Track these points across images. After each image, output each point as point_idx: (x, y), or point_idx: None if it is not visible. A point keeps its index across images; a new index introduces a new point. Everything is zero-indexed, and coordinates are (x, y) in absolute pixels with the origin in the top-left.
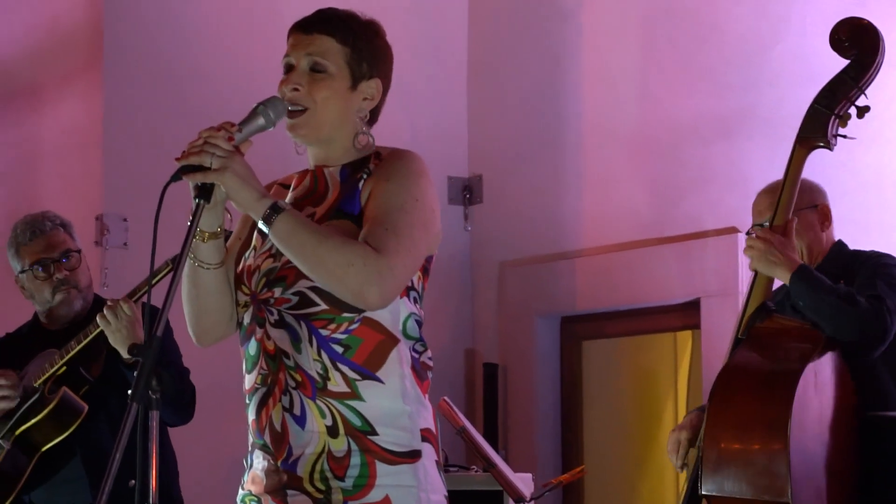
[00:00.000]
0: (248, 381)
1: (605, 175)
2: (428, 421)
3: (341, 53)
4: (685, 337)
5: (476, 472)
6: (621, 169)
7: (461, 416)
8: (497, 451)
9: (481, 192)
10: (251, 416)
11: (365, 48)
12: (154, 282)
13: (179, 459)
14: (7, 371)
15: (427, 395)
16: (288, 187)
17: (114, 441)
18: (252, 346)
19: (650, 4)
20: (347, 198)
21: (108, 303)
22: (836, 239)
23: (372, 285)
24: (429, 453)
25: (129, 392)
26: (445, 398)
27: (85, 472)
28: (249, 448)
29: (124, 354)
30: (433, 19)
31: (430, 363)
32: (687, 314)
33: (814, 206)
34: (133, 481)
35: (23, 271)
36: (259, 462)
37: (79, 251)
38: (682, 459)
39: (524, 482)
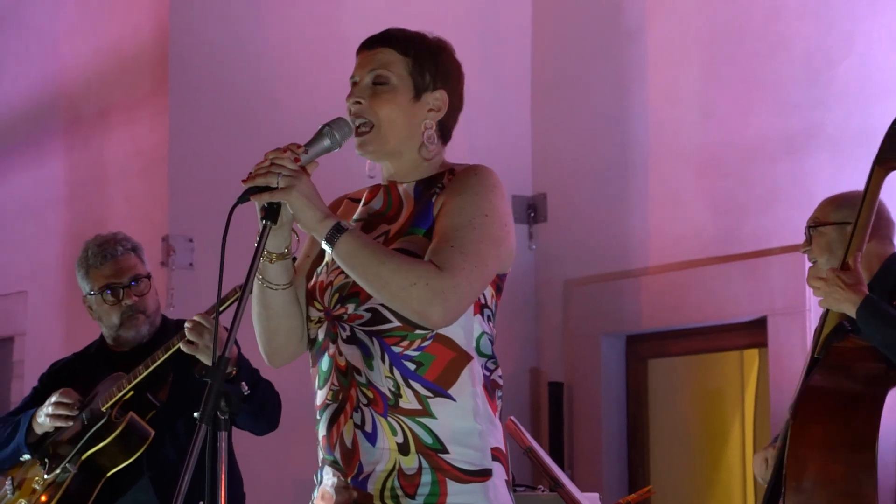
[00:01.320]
0: (320, 396)
1: (670, 193)
2: (498, 440)
3: (402, 64)
4: (752, 355)
5: (543, 492)
6: (687, 187)
7: (528, 435)
8: (563, 470)
9: (546, 211)
10: (322, 431)
11: (428, 60)
12: (222, 308)
13: (245, 478)
14: (68, 390)
15: (497, 414)
16: (358, 201)
17: (181, 463)
18: (324, 362)
19: (715, 22)
20: (421, 214)
21: (187, 324)
22: (891, 252)
23: (435, 305)
24: (499, 472)
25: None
26: (512, 418)
27: (155, 494)
28: (320, 464)
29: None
30: (497, 38)
31: (501, 381)
32: (753, 332)
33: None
34: (202, 502)
35: (91, 293)
36: (329, 478)
37: (148, 276)
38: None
39: (591, 502)
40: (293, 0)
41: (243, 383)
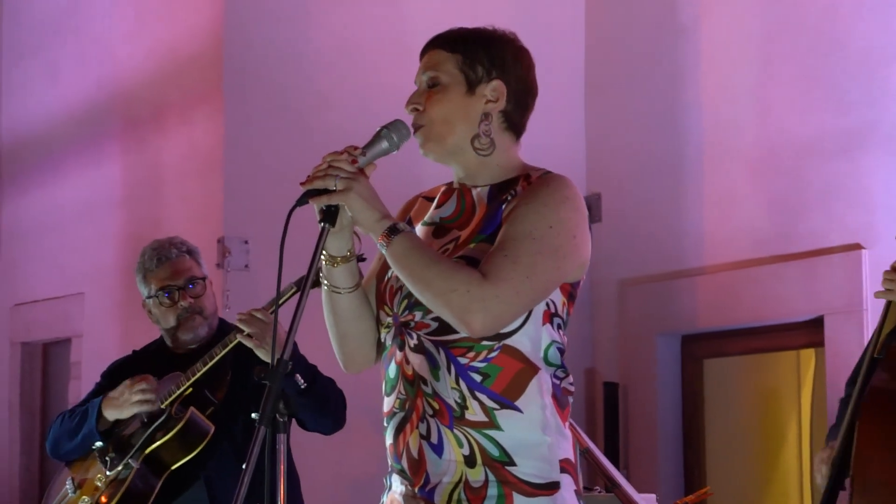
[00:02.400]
0: (387, 403)
1: (725, 192)
2: (567, 451)
3: (452, 61)
4: (808, 355)
5: (599, 492)
6: (742, 186)
7: (585, 437)
8: (618, 471)
9: (600, 211)
10: (389, 440)
11: (478, 52)
12: (280, 302)
13: (302, 480)
14: (146, 375)
15: (568, 422)
16: (432, 200)
17: (237, 464)
18: (392, 369)
19: (769, 20)
20: (489, 220)
21: (240, 315)
22: None
23: (475, 312)
24: (567, 484)
25: (257, 415)
26: (570, 420)
27: (207, 495)
28: (389, 469)
29: (262, 357)
30: (550, 37)
31: (572, 388)
32: (810, 332)
33: None
34: None
35: (149, 297)
36: (397, 486)
37: (204, 278)
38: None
39: (648, 503)
40: (347, 1)
41: (298, 376)
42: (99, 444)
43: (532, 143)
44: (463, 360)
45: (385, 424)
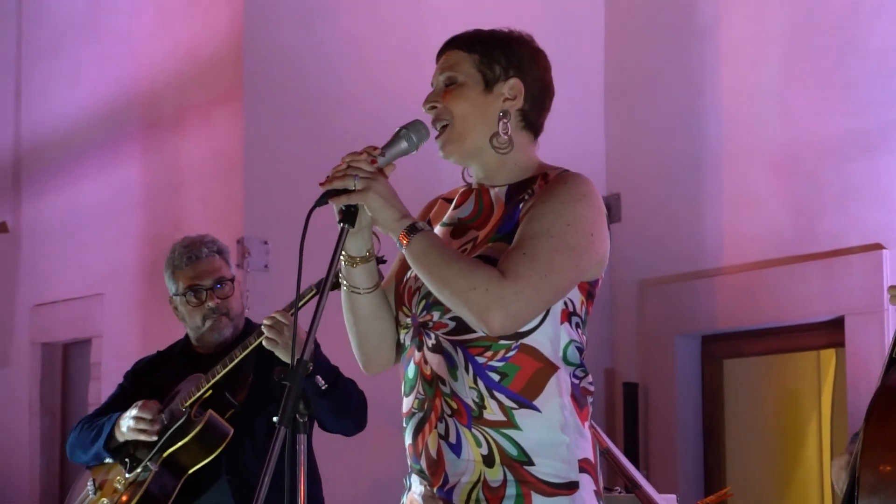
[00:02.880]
0: (406, 404)
1: (745, 192)
2: (586, 451)
3: (469, 60)
4: (828, 355)
5: (619, 493)
6: (762, 186)
7: (605, 437)
8: (638, 471)
9: (620, 212)
10: (408, 440)
11: (496, 51)
12: (301, 305)
13: (323, 479)
14: (147, 402)
15: (588, 423)
16: (451, 201)
17: (259, 465)
18: (410, 370)
19: (789, 20)
20: (507, 219)
21: (266, 321)
22: None
23: (494, 310)
24: (587, 484)
25: (276, 416)
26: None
27: (232, 496)
28: (409, 469)
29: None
30: (570, 39)
31: (591, 388)
32: (830, 332)
33: None
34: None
35: (176, 294)
36: (417, 486)
37: (232, 279)
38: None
39: (668, 503)
40: (366, 2)
41: (319, 377)
42: (109, 460)
43: (552, 144)
44: (481, 360)
45: (404, 424)
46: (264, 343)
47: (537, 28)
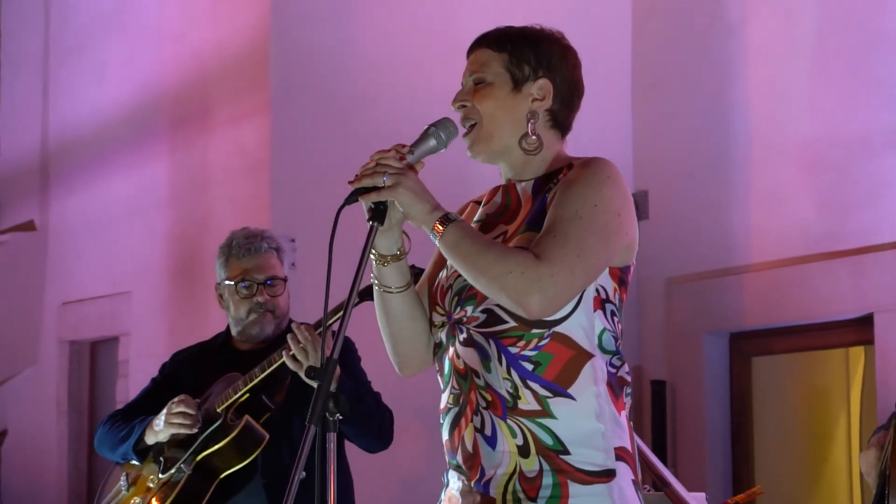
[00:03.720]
0: (443, 400)
1: (773, 189)
2: (623, 439)
3: (498, 60)
4: (857, 353)
5: (649, 491)
6: (790, 183)
7: (634, 434)
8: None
9: (647, 208)
10: (445, 435)
11: (525, 51)
12: (334, 319)
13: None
14: (185, 398)
15: (625, 412)
16: (481, 203)
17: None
18: (446, 366)
19: (818, 16)
20: (535, 210)
21: (292, 341)
22: None
23: (531, 293)
24: (624, 473)
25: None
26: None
27: (266, 498)
28: (447, 466)
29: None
30: (597, 36)
31: (628, 378)
32: (859, 329)
33: None
34: (304, 473)
35: (226, 281)
36: (454, 482)
37: (284, 279)
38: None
39: (698, 502)
40: (392, 0)
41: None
42: (135, 462)
43: (579, 142)
44: (513, 350)
45: (441, 421)
46: (287, 362)
47: (564, 25)
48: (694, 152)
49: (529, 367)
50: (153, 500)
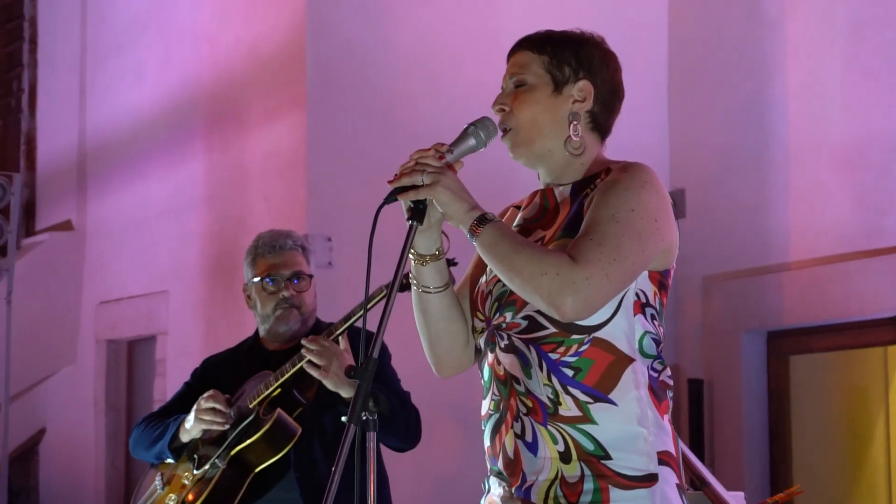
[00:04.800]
0: (484, 407)
1: (811, 187)
2: (666, 444)
3: (539, 62)
4: None
5: (687, 490)
6: (828, 181)
7: (677, 437)
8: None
9: (684, 207)
10: (486, 442)
11: (566, 53)
12: (370, 306)
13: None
14: (214, 393)
15: (667, 416)
16: (520, 208)
17: (327, 463)
18: (485, 372)
19: (856, 13)
20: (572, 215)
21: (306, 345)
22: None
23: (565, 295)
24: (667, 477)
25: (346, 415)
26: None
27: (300, 493)
28: (488, 472)
29: (344, 395)
30: (633, 32)
31: (670, 381)
32: None
33: None
34: None
35: (253, 280)
36: (496, 488)
37: (310, 276)
38: None
39: (737, 501)
40: None
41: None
42: (170, 460)
43: (616, 139)
44: (553, 356)
45: (483, 427)
46: (307, 369)
47: (601, 22)
48: (731, 150)
49: (570, 372)
50: (188, 496)
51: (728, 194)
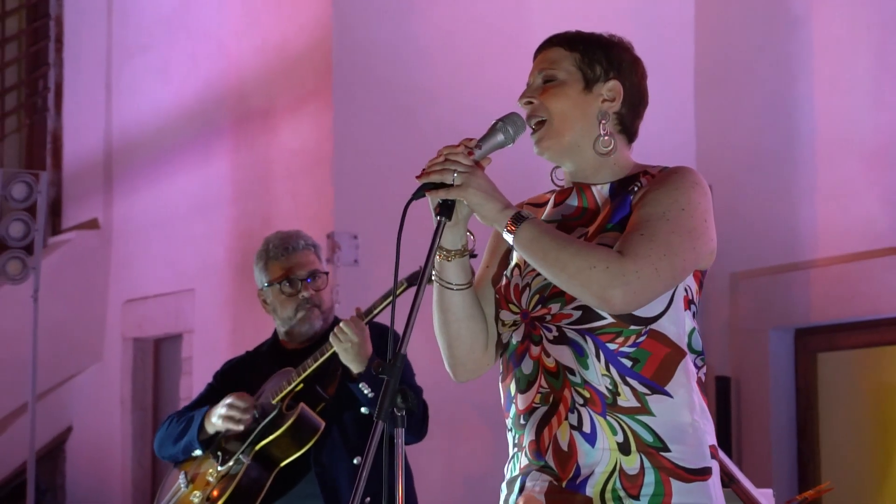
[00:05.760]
0: (523, 400)
1: (839, 184)
2: (713, 437)
3: (570, 59)
4: None
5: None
6: (856, 177)
7: None
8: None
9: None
10: (529, 437)
11: (597, 52)
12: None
13: (415, 476)
14: (243, 394)
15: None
16: (539, 206)
17: (348, 458)
18: (526, 365)
19: (883, 9)
20: (618, 210)
21: (339, 324)
22: None
23: (615, 288)
24: (716, 471)
25: (368, 411)
26: None
27: (319, 488)
28: (519, 470)
29: (354, 370)
30: (660, 30)
31: (703, 378)
32: None
33: None
34: (368, 498)
35: (268, 285)
36: (536, 483)
37: (326, 273)
38: None
39: (765, 498)
40: None
41: (364, 384)
42: (198, 452)
43: (642, 137)
44: (612, 346)
45: (521, 422)
46: (331, 339)
47: (627, 21)
48: (758, 147)
49: (628, 363)
50: (213, 492)
51: (755, 191)
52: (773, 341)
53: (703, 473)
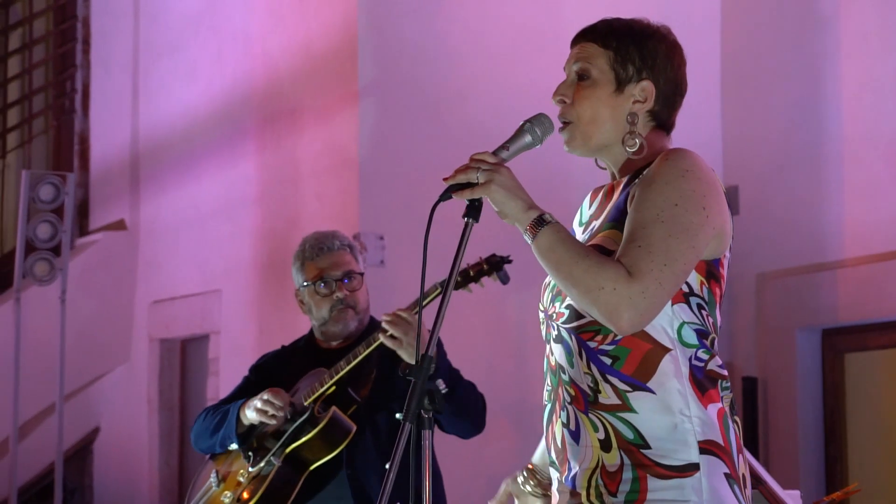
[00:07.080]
0: (544, 398)
1: (867, 183)
2: (710, 433)
3: (604, 57)
4: None
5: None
6: (884, 176)
7: (734, 428)
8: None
9: (737, 203)
10: (544, 432)
11: (631, 50)
12: (425, 303)
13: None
14: (280, 391)
15: (716, 406)
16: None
17: (380, 461)
18: (544, 363)
19: None
20: (615, 206)
21: (385, 317)
22: None
23: (623, 311)
24: (713, 467)
25: (401, 412)
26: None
27: (350, 490)
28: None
29: (405, 358)
30: (686, 29)
31: (722, 371)
32: None
33: None
34: (398, 503)
35: (304, 285)
36: (554, 479)
37: (361, 274)
38: None
39: (793, 499)
40: None
41: (440, 381)
42: (234, 445)
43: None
44: (592, 344)
45: (544, 418)
46: (385, 341)
47: (654, 18)
48: (785, 146)
49: (608, 361)
50: (244, 494)
51: (782, 191)
52: (801, 342)
53: (686, 470)
